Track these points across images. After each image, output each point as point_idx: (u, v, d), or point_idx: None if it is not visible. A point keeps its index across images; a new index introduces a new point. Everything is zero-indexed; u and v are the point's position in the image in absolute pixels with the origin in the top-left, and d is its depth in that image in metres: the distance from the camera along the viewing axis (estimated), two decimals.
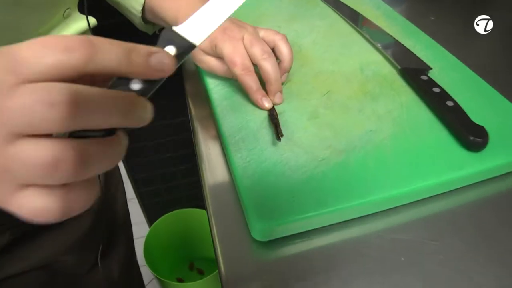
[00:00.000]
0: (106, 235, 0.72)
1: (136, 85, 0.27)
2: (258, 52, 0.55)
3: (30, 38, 0.26)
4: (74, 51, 0.23)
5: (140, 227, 1.77)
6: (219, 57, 0.57)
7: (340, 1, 0.84)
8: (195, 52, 0.59)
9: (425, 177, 0.47)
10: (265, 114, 0.55)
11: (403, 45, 0.67)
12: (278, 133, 0.49)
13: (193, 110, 0.64)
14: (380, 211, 0.47)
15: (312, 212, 0.43)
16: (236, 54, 0.55)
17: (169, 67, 0.27)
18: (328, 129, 0.52)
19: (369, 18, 0.76)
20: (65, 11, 0.53)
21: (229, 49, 0.55)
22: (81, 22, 0.56)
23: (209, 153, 0.55)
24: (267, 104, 0.55)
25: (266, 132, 0.52)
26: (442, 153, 0.49)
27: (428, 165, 0.48)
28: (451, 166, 0.48)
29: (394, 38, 0.69)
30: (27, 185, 0.23)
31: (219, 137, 0.55)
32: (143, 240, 1.48)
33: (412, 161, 0.48)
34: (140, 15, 0.66)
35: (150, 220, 1.58)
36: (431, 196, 0.48)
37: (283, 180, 0.46)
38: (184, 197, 1.54)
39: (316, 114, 0.55)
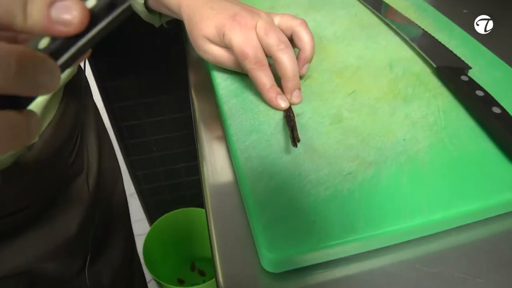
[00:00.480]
0: (97, 240, 0.66)
1: (43, 42, 0.21)
2: (274, 42, 0.47)
3: None
4: None
5: (140, 224, 1.72)
6: (228, 47, 0.49)
7: None
8: (199, 41, 0.51)
9: (468, 199, 0.39)
10: (280, 115, 0.47)
11: (437, 40, 0.59)
12: (294, 138, 0.42)
13: (196, 106, 0.56)
14: (415, 238, 0.39)
15: (336, 239, 0.36)
16: (248, 45, 0.47)
17: (78, 21, 0.21)
18: (354, 136, 0.45)
19: (397, 9, 0.68)
20: None
21: (239, 38, 0.47)
22: None
23: (214, 160, 0.47)
24: (283, 104, 0.48)
25: (281, 137, 0.44)
26: (488, 170, 0.42)
27: (471, 185, 0.40)
28: (499, 187, 0.40)
29: (426, 31, 0.61)
30: None
31: (226, 140, 0.47)
32: (142, 238, 1.43)
33: (452, 179, 0.41)
34: (142, 1, 0.59)
35: (151, 217, 1.52)
36: (475, 222, 0.40)
37: (302, 197, 0.39)
38: (188, 196, 1.47)
39: (340, 118, 0.47)
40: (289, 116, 0.46)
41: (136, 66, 1.13)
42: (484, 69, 0.54)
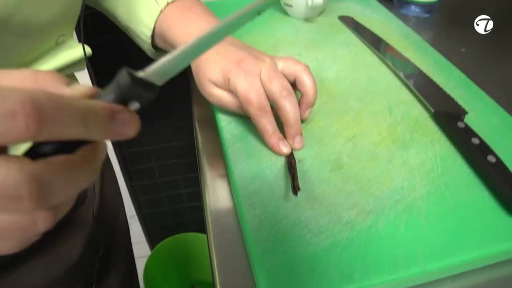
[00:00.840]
0: (99, 267, 0.67)
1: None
2: (277, 89, 0.49)
3: (17, 64, 0.31)
4: (15, 121, 0.19)
5: (140, 247, 1.72)
6: (232, 92, 0.51)
7: (364, 27, 0.78)
8: (204, 83, 0.53)
9: (464, 249, 0.40)
10: (282, 160, 0.49)
11: (436, 83, 0.61)
12: (295, 187, 0.43)
13: (200, 139, 0.58)
14: (413, 286, 0.40)
15: None
16: (252, 91, 0.48)
17: (135, 130, 0.24)
18: (354, 183, 0.46)
19: (397, 48, 0.70)
20: (59, 38, 0.49)
21: (244, 85, 0.49)
22: (74, 50, 0.52)
23: (218, 203, 0.48)
24: (285, 150, 0.49)
25: (283, 184, 0.46)
26: (484, 219, 0.43)
27: (467, 235, 0.41)
28: (494, 237, 0.41)
29: (425, 74, 0.63)
30: None
31: (230, 185, 0.49)
32: (143, 260, 1.43)
33: (448, 228, 0.42)
34: (149, 41, 0.61)
35: (152, 240, 1.53)
36: (471, 270, 0.42)
37: (302, 246, 0.40)
38: (189, 221, 1.48)
39: (340, 164, 0.49)
40: (290, 163, 0.47)
41: None
42: (481, 114, 0.56)
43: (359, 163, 0.49)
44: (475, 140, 0.49)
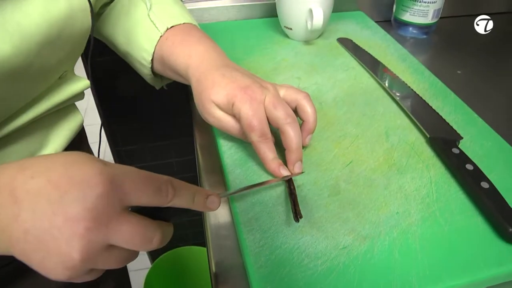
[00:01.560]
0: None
1: None
2: (282, 115, 0.50)
3: (23, 103, 0.47)
4: (162, 195, 0.34)
5: (140, 259, 1.73)
6: (235, 116, 0.53)
7: (362, 50, 0.80)
8: (207, 104, 0.54)
9: (457, 274, 0.42)
10: (282, 187, 0.50)
11: (431, 108, 0.63)
12: (296, 214, 0.45)
13: (202, 164, 0.60)
14: None
15: None
16: (255, 118, 0.50)
17: (217, 206, 0.40)
18: (351, 209, 0.48)
19: (394, 71, 0.72)
20: (62, 74, 0.51)
21: (248, 111, 0.50)
22: (75, 85, 0.55)
23: (218, 226, 0.50)
24: (285, 173, 0.51)
25: (282, 210, 0.47)
26: (477, 244, 0.44)
27: (461, 260, 0.43)
28: (487, 262, 0.43)
29: (421, 98, 0.65)
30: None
31: (230, 211, 0.50)
32: (143, 272, 1.44)
33: (442, 253, 0.43)
34: (150, 66, 0.62)
35: (152, 253, 1.53)
36: None
37: (301, 271, 0.41)
38: (190, 234, 1.49)
39: (337, 190, 0.50)
40: (290, 189, 0.49)
41: (142, 111, 1.16)
42: (475, 138, 0.58)
43: (356, 189, 0.50)
44: (469, 166, 0.51)
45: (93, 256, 0.31)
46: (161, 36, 0.61)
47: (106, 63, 1.03)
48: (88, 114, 2.39)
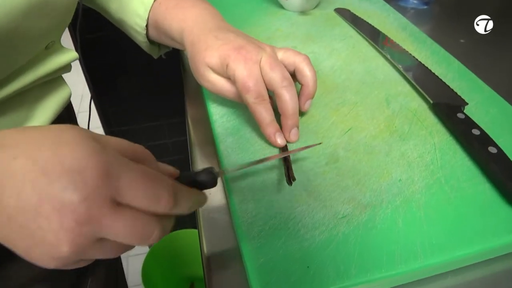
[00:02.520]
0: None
1: None
2: (278, 78, 0.47)
3: (7, 72, 0.42)
4: (159, 205, 0.30)
5: None
6: (230, 78, 0.49)
7: (361, 19, 0.76)
8: (200, 68, 0.51)
9: (465, 243, 0.39)
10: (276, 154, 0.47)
11: (434, 74, 0.60)
12: (289, 177, 0.42)
13: (193, 134, 0.56)
14: (412, 282, 0.39)
15: (331, 286, 0.35)
16: (251, 79, 0.47)
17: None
18: (350, 177, 0.45)
19: (395, 40, 0.69)
20: (49, 43, 0.48)
21: (243, 71, 0.47)
22: (63, 55, 0.52)
23: (209, 198, 0.47)
24: (280, 141, 0.47)
25: (276, 179, 0.44)
26: (485, 212, 0.41)
27: (468, 228, 0.40)
28: (496, 230, 0.40)
29: (423, 65, 0.62)
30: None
31: (222, 180, 0.47)
32: (141, 257, 1.42)
33: (448, 222, 0.40)
34: (144, 32, 0.60)
35: None
36: (472, 264, 0.40)
37: (296, 242, 0.38)
38: (187, 217, 1.47)
39: (336, 157, 0.47)
40: (285, 161, 0.46)
41: (135, 90, 1.13)
42: (481, 105, 0.55)
43: (356, 156, 0.47)
44: (475, 131, 0.48)
45: (83, 249, 0.28)
46: (154, 1, 0.58)
47: (97, 39, 1.00)
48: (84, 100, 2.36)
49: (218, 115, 0.54)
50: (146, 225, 0.29)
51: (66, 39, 0.54)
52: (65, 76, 0.58)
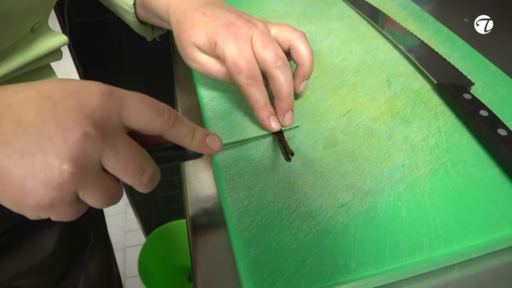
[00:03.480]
0: (71, 257, 0.64)
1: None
2: (271, 57, 0.43)
3: None
4: (163, 118, 0.31)
5: (135, 235, 1.69)
6: (219, 58, 0.45)
7: None
8: (187, 48, 0.47)
9: (473, 233, 0.36)
10: (269, 140, 0.44)
11: (438, 53, 0.56)
12: (287, 153, 0.39)
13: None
14: (417, 275, 0.36)
15: (328, 281, 0.32)
16: (242, 58, 0.43)
17: (219, 146, 0.36)
18: (350, 162, 0.41)
19: (395, 19, 0.65)
20: (34, 25, 0.45)
21: (233, 50, 0.43)
22: (50, 40, 0.49)
23: (199, 187, 0.44)
24: (274, 125, 0.44)
25: (269, 165, 0.41)
26: (495, 198, 0.38)
27: (477, 217, 0.37)
28: (509, 218, 0.37)
29: (426, 44, 0.58)
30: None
31: (212, 167, 0.44)
32: (138, 249, 1.40)
33: (455, 210, 0.37)
34: (132, 11, 0.56)
35: (146, 228, 1.49)
36: (481, 256, 0.37)
37: (291, 233, 0.35)
38: (182, 208, 1.44)
39: (334, 141, 0.44)
40: (279, 138, 0.42)
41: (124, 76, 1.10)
42: (488, 85, 0.51)
43: (355, 140, 0.44)
44: (483, 112, 0.45)
45: (85, 172, 0.27)
46: None
47: (85, 25, 0.96)
48: None
49: (208, 98, 0.50)
50: (144, 157, 0.30)
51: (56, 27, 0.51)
52: (55, 67, 0.54)
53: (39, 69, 0.51)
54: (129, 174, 0.29)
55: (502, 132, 0.42)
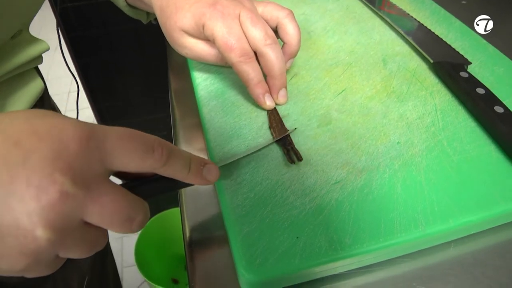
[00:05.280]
0: None
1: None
2: (260, 35, 0.42)
3: None
4: (154, 156, 0.27)
5: None
6: (208, 39, 0.44)
7: None
8: (174, 34, 0.46)
9: (469, 209, 0.35)
10: (263, 117, 0.43)
11: (434, 33, 0.55)
12: (296, 156, 0.38)
13: (176, 106, 0.52)
14: (413, 252, 0.35)
15: (322, 258, 0.32)
16: (232, 36, 0.42)
17: (215, 177, 0.33)
18: (344, 140, 0.41)
19: (391, 1, 0.64)
20: (15, 33, 0.44)
21: (222, 29, 0.42)
22: (32, 47, 0.47)
23: None
24: (269, 103, 0.43)
25: (263, 143, 0.40)
26: (491, 175, 0.38)
27: (473, 193, 0.36)
28: (505, 194, 0.36)
29: (422, 24, 0.58)
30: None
31: (205, 146, 0.43)
32: (135, 238, 1.40)
33: (451, 186, 0.37)
34: None
35: None
36: (478, 232, 0.37)
37: (285, 210, 0.35)
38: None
39: (328, 119, 0.43)
40: (275, 119, 0.42)
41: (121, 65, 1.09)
42: (485, 64, 0.51)
43: (350, 118, 0.43)
44: (480, 90, 0.44)
45: (65, 234, 0.24)
46: None
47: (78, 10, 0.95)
48: None
49: (201, 78, 0.49)
50: (133, 205, 0.27)
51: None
52: (49, 57, 0.53)
53: (22, 74, 0.49)
54: (116, 225, 0.26)
55: (498, 109, 0.42)
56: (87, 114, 1.26)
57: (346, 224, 0.34)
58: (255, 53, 0.44)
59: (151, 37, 0.99)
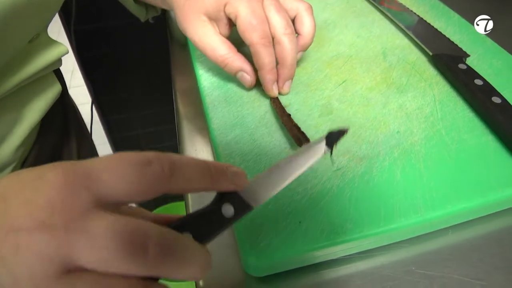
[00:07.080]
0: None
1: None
2: (282, 23, 0.43)
3: None
4: (153, 170, 0.22)
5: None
6: (231, 18, 0.44)
7: None
8: (190, 16, 0.45)
9: (467, 196, 0.36)
10: (265, 107, 0.44)
11: (433, 27, 0.56)
12: (305, 136, 0.39)
13: (179, 102, 0.53)
14: (412, 238, 0.36)
15: (324, 241, 0.33)
16: (256, 16, 0.42)
17: (244, 180, 0.27)
18: None
19: None
20: (33, 37, 0.43)
21: (246, 9, 0.42)
22: (51, 51, 0.47)
23: (195, 155, 0.44)
24: (276, 91, 0.44)
25: (265, 131, 0.41)
26: (488, 163, 0.39)
27: (470, 181, 0.37)
28: (499, 182, 0.37)
29: (422, 18, 0.58)
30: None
31: (209, 135, 0.44)
32: None
33: (449, 174, 0.38)
34: None
35: (146, 208, 1.50)
36: (475, 218, 0.38)
37: (287, 196, 0.36)
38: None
39: (329, 109, 0.44)
40: (279, 107, 0.43)
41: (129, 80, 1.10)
42: (483, 57, 0.51)
43: (351, 108, 0.44)
44: (478, 81, 0.45)
45: None
46: None
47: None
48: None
49: (204, 69, 0.50)
50: (140, 227, 0.21)
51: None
52: None
53: (40, 78, 0.49)
54: (121, 258, 0.20)
55: (496, 100, 0.42)
56: (87, 109, 1.27)
57: (347, 210, 0.35)
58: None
59: (152, 30, 1.00)
